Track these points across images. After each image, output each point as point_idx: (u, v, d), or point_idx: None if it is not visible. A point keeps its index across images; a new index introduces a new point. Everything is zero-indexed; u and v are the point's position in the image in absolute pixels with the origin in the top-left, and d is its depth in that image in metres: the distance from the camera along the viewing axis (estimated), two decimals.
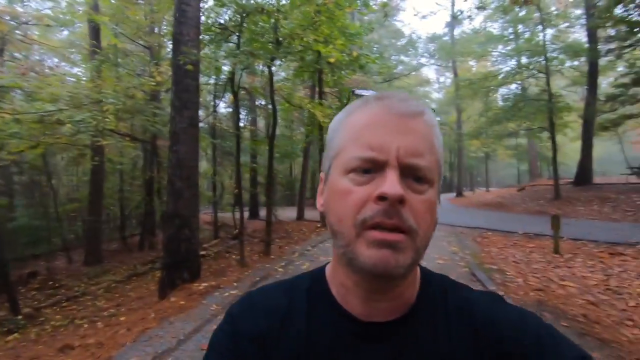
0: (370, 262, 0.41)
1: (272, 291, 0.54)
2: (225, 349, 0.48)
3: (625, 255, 5.56)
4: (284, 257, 7.01)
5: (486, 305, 0.48)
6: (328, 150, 0.49)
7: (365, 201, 0.41)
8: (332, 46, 6.93)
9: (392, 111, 0.43)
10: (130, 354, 3.22)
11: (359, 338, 0.46)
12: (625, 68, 12.32)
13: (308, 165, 15.42)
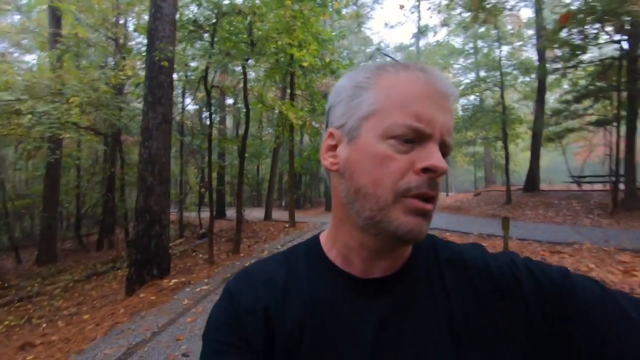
0: (406, 228, 0.41)
1: (268, 263, 0.53)
2: (227, 325, 0.47)
3: (563, 253, 6.24)
4: (253, 255, 7.11)
5: (475, 254, 0.50)
6: (351, 108, 0.46)
7: (407, 170, 0.42)
8: (305, 50, 7.16)
9: (435, 87, 0.43)
10: (102, 347, 3.23)
11: (360, 295, 0.47)
12: (569, 86, 13.59)
13: (277, 167, 15.50)
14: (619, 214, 9.26)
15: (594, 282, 0.46)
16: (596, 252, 6.14)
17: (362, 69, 0.47)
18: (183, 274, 5.82)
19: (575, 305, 0.43)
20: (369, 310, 0.47)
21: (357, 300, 0.47)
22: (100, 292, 6.87)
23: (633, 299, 0.44)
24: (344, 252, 0.49)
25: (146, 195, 5.19)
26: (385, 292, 0.47)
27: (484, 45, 19.59)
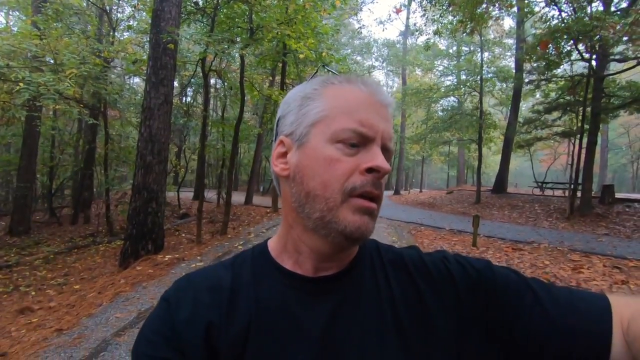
0: (354, 227, 0.44)
1: (213, 270, 0.52)
2: (162, 338, 0.45)
3: (523, 250, 6.96)
4: (240, 236, 7.40)
5: (413, 254, 0.55)
6: (300, 117, 0.48)
7: (353, 171, 0.44)
8: (303, 43, 7.39)
9: (378, 98, 0.47)
10: (111, 312, 3.48)
11: (309, 294, 0.48)
12: (541, 97, 14.52)
13: (261, 153, 15.64)
14: (574, 219, 10.23)
15: (511, 271, 0.51)
16: (551, 251, 6.89)
17: (309, 82, 0.51)
18: (175, 250, 6.05)
19: (495, 290, 0.48)
20: (318, 308, 0.48)
21: (306, 299, 0.48)
22: (85, 265, 6.95)
23: (544, 284, 0.49)
24: (294, 257, 0.50)
25: (145, 173, 5.35)
26: (332, 290, 0.49)
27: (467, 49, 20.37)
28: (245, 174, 27.12)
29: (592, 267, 5.74)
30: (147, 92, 5.47)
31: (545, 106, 13.45)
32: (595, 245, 7.26)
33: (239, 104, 7.51)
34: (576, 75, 12.01)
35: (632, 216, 9.76)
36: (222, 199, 13.84)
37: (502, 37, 19.62)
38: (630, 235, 8.47)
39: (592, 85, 10.36)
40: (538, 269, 5.70)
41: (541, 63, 11.63)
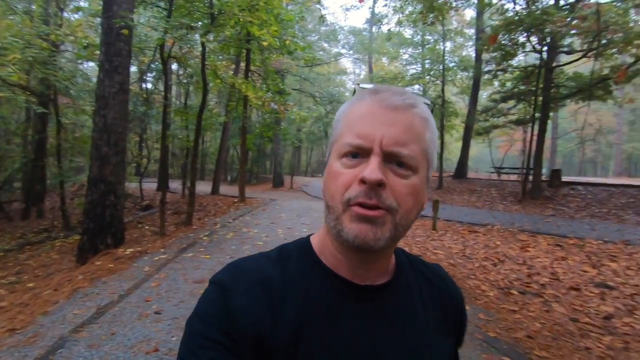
0: (352, 234, 0.45)
1: (260, 261, 0.53)
2: (217, 321, 0.46)
3: (478, 232, 7.42)
4: (206, 227, 7.32)
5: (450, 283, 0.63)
6: (330, 138, 0.53)
7: (351, 182, 0.46)
8: (266, 30, 7.28)
9: (383, 104, 0.47)
10: (69, 309, 3.39)
11: (356, 300, 0.50)
12: (498, 86, 15.22)
13: (227, 141, 15.34)
14: (526, 202, 10.97)
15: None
16: (503, 232, 7.40)
17: (343, 105, 0.54)
18: (137, 243, 5.90)
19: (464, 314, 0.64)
20: (361, 316, 0.50)
21: (351, 305, 0.50)
22: (40, 262, 6.62)
23: None
24: (332, 261, 0.52)
25: (101, 165, 5.13)
26: (376, 300, 0.52)
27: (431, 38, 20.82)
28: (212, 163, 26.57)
29: (537, 245, 6.25)
30: (100, 80, 5.20)
31: (501, 95, 14.13)
32: (541, 226, 7.87)
33: (202, 92, 7.32)
34: (529, 66, 12.69)
35: (576, 198, 10.61)
36: (187, 189, 13.53)
37: (464, 27, 20.21)
38: (573, 215, 9.23)
39: (543, 75, 11.00)
40: (490, 249, 6.13)
41: (498, 54, 12.18)
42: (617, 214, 8.95)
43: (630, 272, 4.69)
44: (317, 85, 21.05)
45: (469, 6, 16.06)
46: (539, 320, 3.34)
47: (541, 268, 4.99)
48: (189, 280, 4.06)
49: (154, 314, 3.18)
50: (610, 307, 3.62)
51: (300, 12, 10.09)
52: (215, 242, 5.90)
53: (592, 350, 2.79)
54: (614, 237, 6.59)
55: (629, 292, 4.00)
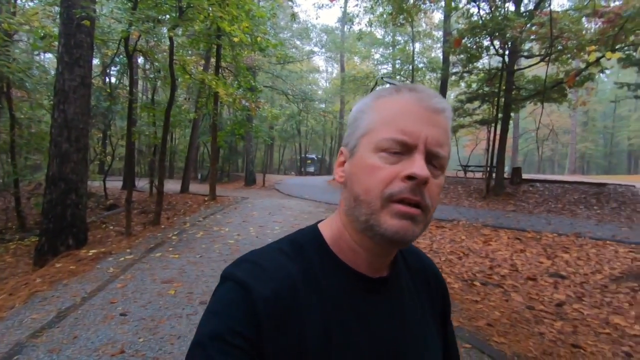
0: (393, 230, 0.45)
1: (275, 256, 0.51)
2: (241, 324, 0.44)
3: (445, 227, 7.71)
4: (175, 227, 7.14)
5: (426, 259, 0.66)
6: (354, 129, 0.52)
7: (393, 178, 0.46)
8: (237, 26, 7.18)
9: (423, 104, 0.48)
10: (26, 313, 3.22)
11: (369, 292, 0.52)
12: (464, 87, 15.82)
13: (197, 138, 14.98)
14: (490, 198, 11.51)
15: None
16: (468, 227, 7.73)
17: (367, 97, 0.54)
18: (101, 244, 5.67)
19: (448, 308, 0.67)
20: (379, 306, 0.52)
21: (368, 298, 0.52)
22: None
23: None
24: (349, 254, 0.53)
25: (61, 162, 4.87)
26: (385, 291, 0.54)
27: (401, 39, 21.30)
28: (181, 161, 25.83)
29: (499, 239, 6.59)
30: (60, 74, 4.93)
31: (467, 96, 14.70)
32: (503, 221, 8.29)
33: (170, 87, 7.11)
34: (492, 68, 13.29)
35: (534, 194, 11.26)
36: (155, 187, 13.10)
37: (432, 30, 20.83)
38: (531, 210, 9.80)
39: (505, 78, 11.55)
40: (456, 243, 6.39)
41: (464, 56, 12.66)
42: (570, 209, 9.59)
43: (580, 263, 5.06)
44: (290, 82, 20.98)
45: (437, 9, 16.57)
46: (499, 309, 3.54)
47: (502, 260, 5.27)
48: (157, 280, 3.96)
49: (120, 316, 3.08)
50: (562, 295, 3.90)
51: (272, 8, 10.02)
52: (184, 242, 5.77)
53: (545, 335, 2.99)
54: (567, 230, 7.07)
55: (579, 281, 4.32)
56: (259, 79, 16.81)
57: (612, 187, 11.44)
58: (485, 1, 10.87)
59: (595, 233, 6.88)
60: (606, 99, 33.91)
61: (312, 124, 31.65)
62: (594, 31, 9.17)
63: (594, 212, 9.22)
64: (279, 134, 30.12)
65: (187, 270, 4.29)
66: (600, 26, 8.69)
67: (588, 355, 2.67)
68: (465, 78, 14.66)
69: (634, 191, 10.98)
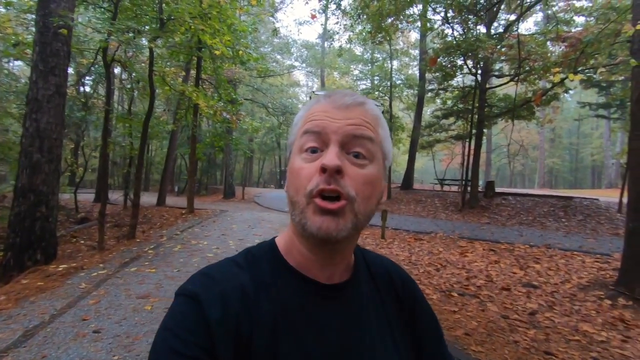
0: (315, 226, 0.46)
1: (229, 268, 0.52)
2: (193, 335, 0.44)
3: (423, 240, 7.87)
4: (151, 240, 6.94)
5: (392, 267, 0.65)
6: (290, 139, 0.56)
7: (313, 174, 0.47)
8: (219, 39, 7.22)
9: (335, 103, 0.51)
10: None
11: (324, 298, 0.52)
12: (440, 104, 16.41)
13: (175, 150, 14.71)
14: (465, 211, 11.84)
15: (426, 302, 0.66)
16: (445, 239, 7.92)
17: (300, 111, 0.57)
18: (71, 259, 5.43)
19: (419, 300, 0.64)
20: (332, 312, 0.52)
21: (321, 303, 0.52)
22: None
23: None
24: (300, 260, 0.53)
25: (31, 173, 4.67)
26: (341, 296, 0.54)
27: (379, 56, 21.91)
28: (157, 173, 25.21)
29: (474, 251, 6.78)
30: (33, 82, 4.77)
31: (443, 112, 15.25)
32: (478, 233, 8.55)
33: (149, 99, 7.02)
34: (466, 86, 13.88)
35: (507, 207, 11.68)
36: (129, 200, 12.70)
37: (409, 48, 21.58)
38: (504, 223, 10.14)
39: (478, 96, 12.09)
40: (434, 255, 6.52)
41: (439, 74, 13.18)
42: (541, 221, 9.99)
43: (550, 272, 5.27)
44: (270, 96, 21.08)
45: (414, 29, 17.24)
46: (476, 319, 3.63)
47: (478, 271, 5.42)
48: (132, 295, 3.83)
49: (93, 333, 2.95)
50: (535, 304, 4.05)
51: (253, 23, 10.15)
52: (161, 255, 5.62)
53: (519, 343, 3.09)
54: (537, 242, 7.36)
55: (550, 290, 4.50)
56: (239, 92, 16.81)
57: (578, 200, 12.04)
58: (458, 23, 11.43)
59: (564, 244, 7.20)
60: (571, 117, 35.97)
61: None
62: (558, 54, 9.80)
63: (562, 224, 9.65)
64: (258, 146, 30.03)
65: (165, 285, 4.18)
66: (564, 50, 9.32)
67: None
68: (440, 95, 15.23)
69: (598, 204, 11.59)
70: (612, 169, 27.72)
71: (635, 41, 4.41)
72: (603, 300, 4.08)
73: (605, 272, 5.14)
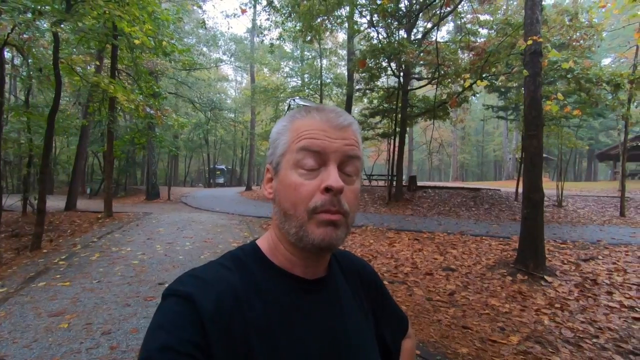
0: (319, 238, 0.50)
1: (217, 269, 0.55)
2: (188, 333, 0.45)
3: (355, 233, 8.24)
4: (62, 250, 6.16)
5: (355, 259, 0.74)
6: (275, 149, 0.57)
7: (314, 192, 0.51)
8: (138, 28, 6.65)
9: (332, 123, 0.54)
10: None
11: (309, 292, 0.57)
12: (367, 103, 17.22)
13: (86, 148, 13.14)
14: (392, 204, 12.67)
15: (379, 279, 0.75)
16: (375, 231, 8.40)
17: (284, 119, 0.59)
18: None
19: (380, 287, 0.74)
20: (320, 304, 0.57)
21: (309, 298, 0.57)
22: None
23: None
24: (285, 263, 0.57)
25: None
26: (324, 289, 0.59)
27: (309, 54, 22.21)
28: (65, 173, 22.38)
29: (401, 241, 7.32)
30: None
31: (370, 111, 16.04)
32: (404, 224, 9.23)
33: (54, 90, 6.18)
34: (390, 87, 14.80)
35: (427, 199, 12.78)
36: (30, 205, 11.07)
37: (337, 48, 22.22)
38: (425, 213, 11.10)
39: (401, 96, 12.98)
40: (365, 247, 6.88)
41: (366, 74, 13.84)
42: (455, 211, 11.15)
43: (464, 256, 5.95)
44: (197, 90, 20.01)
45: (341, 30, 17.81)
46: (405, 304, 3.95)
47: (404, 260, 5.87)
48: (43, 314, 3.38)
49: None
50: (453, 286, 4.54)
51: (177, 12, 9.53)
52: (76, 266, 5.03)
53: (442, 321, 3.46)
54: (454, 229, 8.22)
55: (465, 272, 5.08)
56: (161, 85, 15.66)
57: (484, 191, 13.68)
58: (383, 27, 12.12)
59: (475, 230, 8.15)
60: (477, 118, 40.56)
61: (222, 133, 30.60)
62: (467, 61, 10.98)
63: (473, 213, 10.90)
64: (184, 143, 28.36)
65: (83, 299, 3.76)
66: (472, 57, 10.47)
67: (474, 334, 3.18)
68: (367, 95, 16.00)
69: (500, 194, 13.31)
70: (510, 163, 32.02)
71: (526, 54, 5.17)
72: (506, 277, 4.74)
73: (507, 253, 5.96)
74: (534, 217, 4.89)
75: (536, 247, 4.85)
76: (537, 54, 5.01)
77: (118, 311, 3.45)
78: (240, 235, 7.63)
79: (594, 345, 2.93)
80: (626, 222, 9.61)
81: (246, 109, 28.04)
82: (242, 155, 34.19)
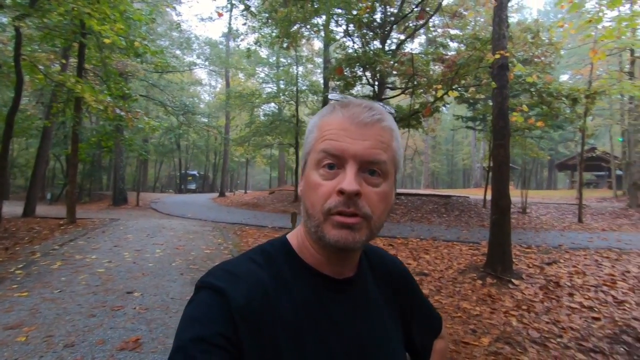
0: (334, 239, 0.50)
1: (247, 265, 0.55)
2: (220, 326, 0.47)
3: None
4: (20, 259, 5.76)
5: (387, 256, 0.71)
6: (304, 147, 0.57)
7: (330, 193, 0.50)
8: (109, 27, 6.43)
9: (355, 120, 0.51)
10: None
11: (336, 293, 0.57)
12: None
13: (48, 151, 12.44)
14: None
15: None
16: None
17: (317, 115, 0.58)
18: None
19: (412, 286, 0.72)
20: (344, 306, 0.57)
21: (335, 297, 0.57)
22: None
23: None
24: (313, 260, 0.57)
25: None
26: (350, 289, 0.59)
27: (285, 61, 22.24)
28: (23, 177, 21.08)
29: None
30: None
31: None
32: None
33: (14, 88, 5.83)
34: (365, 96, 15.08)
35: (401, 205, 13.04)
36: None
37: (314, 56, 22.41)
38: (399, 220, 11.31)
39: None
40: None
41: (341, 82, 14.03)
42: (427, 217, 11.45)
43: (437, 261, 6.10)
44: (169, 93, 19.50)
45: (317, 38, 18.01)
46: None
47: None
48: None
49: None
50: (427, 290, 4.63)
51: (151, 12, 9.29)
52: (35, 276, 4.72)
53: None
54: (426, 235, 8.43)
55: (437, 276, 5.21)
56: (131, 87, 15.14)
57: (454, 198, 14.14)
58: (358, 37, 12.36)
59: (446, 236, 8.39)
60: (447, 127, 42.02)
61: (194, 138, 29.90)
62: (438, 73, 11.39)
63: (444, 219, 11.22)
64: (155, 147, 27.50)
65: (42, 310, 3.53)
66: (443, 69, 10.87)
67: (448, 336, 3.25)
68: None
69: (469, 201, 13.80)
70: (478, 172, 33.33)
71: (494, 67, 5.44)
72: (476, 281, 4.90)
73: (477, 257, 6.17)
74: (501, 223, 5.11)
75: (504, 252, 5.05)
76: (505, 68, 5.28)
77: (82, 322, 3.26)
78: (213, 242, 7.45)
79: (558, 345, 3.08)
80: (584, 227, 10.24)
81: (220, 114, 27.58)
82: (215, 161, 33.50)
